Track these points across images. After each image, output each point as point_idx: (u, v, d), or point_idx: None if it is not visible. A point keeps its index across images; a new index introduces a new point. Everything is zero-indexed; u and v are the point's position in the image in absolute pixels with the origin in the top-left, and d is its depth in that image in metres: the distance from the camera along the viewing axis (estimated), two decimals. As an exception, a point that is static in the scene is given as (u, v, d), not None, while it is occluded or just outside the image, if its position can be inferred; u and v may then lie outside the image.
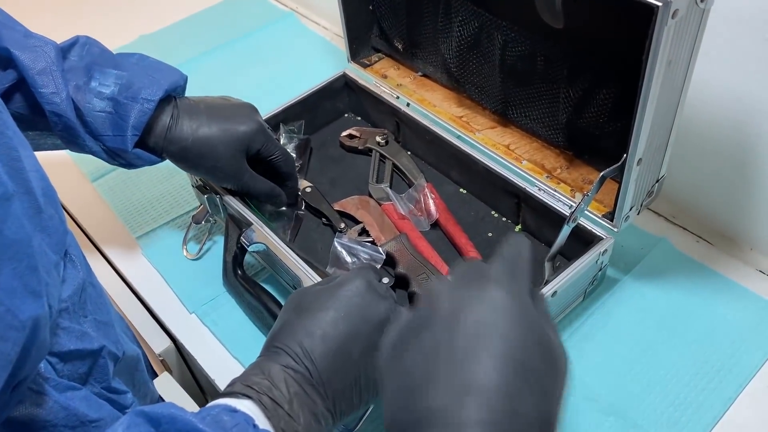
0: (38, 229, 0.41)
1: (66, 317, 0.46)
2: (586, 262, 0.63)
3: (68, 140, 0.63)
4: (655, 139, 0.59)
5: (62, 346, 0.45)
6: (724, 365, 0.63)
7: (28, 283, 0.37)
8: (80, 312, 0.49)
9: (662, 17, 0.48)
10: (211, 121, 0.66)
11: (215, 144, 0.66)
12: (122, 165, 0.66)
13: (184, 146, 0.65)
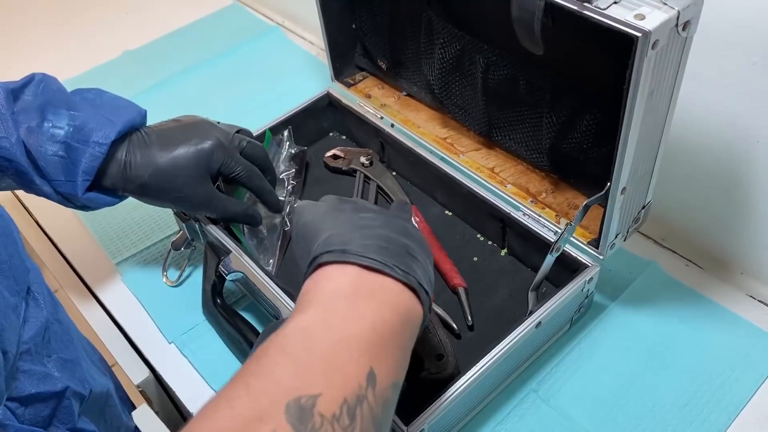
0: None
1: (27, 359, 0.45)
2: (571, 291, 0.62)
3: (21, 183, 0.62)
4: (639, 168, 0.57)
5: (22, 390, 0.44)
6: (714, 396, 0.62)
7: None
8: (44, 352, 0.47)
9: (642, 48, 0.46)
10: (163, 151, 0.63)
11: (173, 174, 0.63)
12: (78, 208, 0.65)
13: (142, 183, 0.63)
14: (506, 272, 0.72)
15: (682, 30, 0.48)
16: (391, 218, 0.50)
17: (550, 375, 0.64)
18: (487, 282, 0.71)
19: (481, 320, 0.68)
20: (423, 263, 0.47)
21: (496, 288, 0.71)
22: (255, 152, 0.69)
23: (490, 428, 0.61)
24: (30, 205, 0.89)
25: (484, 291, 0.70)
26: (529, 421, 0.61)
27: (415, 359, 0.62)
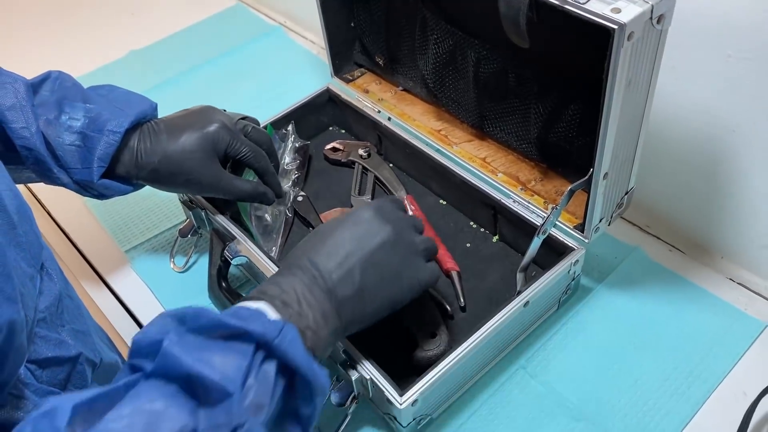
0: (13, 243, 0.43)
1: (43, 326, 0.48)
2: (557, 273, 0.65)
3: (40, 173, 0.65)
4: (620, 154, 0.60)
5: (40, 353, 0.47)
6: (693, 371, 0.65)
7: (3, 289, 0.39)
8: (57, 322, 0.51)
9: (618, 40, 0.50)
10: (171, 137, 0.67)
11: (182, 159, 0.67)
12: (94, 196, 0.68)
13: (153, 169, 0.67)
14: (497, 257, 0.75)
15: (656, 23, 0.52)
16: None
17: (539, 353, 0.68)
18: (479, 266, 0.75)
19: (473, 302, 0.71)
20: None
21: (487, 272, 0.74)
22: (260, 137, 0.73)
23: (481, 402, 0.64)
24: (42, 197, 0.92)
25: (476, 275, 0.74)
26: (517, 396, 0.65)
27: (409, 337, 0.66)
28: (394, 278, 0.56)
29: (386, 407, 0.59)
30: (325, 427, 0.62)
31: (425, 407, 0.60)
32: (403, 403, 0.57)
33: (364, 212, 0.57)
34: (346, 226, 0.56)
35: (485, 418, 0.63)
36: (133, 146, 0.66)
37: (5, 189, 0.44)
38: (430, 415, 0.62)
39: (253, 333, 0.43)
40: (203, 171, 0.67)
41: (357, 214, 0.57)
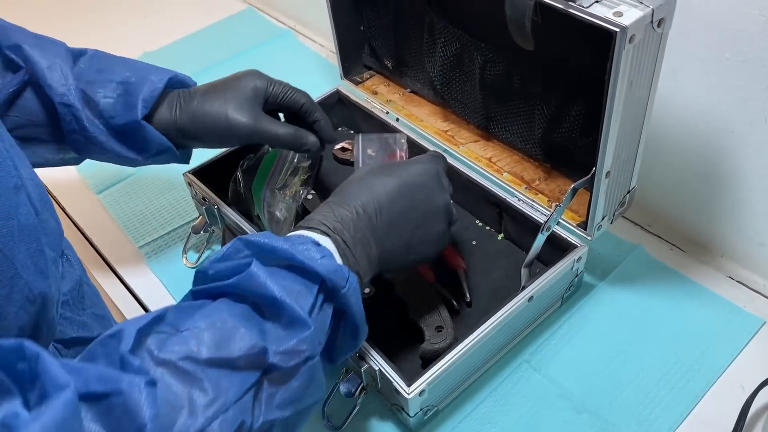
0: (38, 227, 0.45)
1: (67, 309, 0.51)
2: (561, 269, 0.67)
3: (78, 141, 0.64)
4: (622, 153, 0.62)
5: (65, 334, 0.50)
6: (693, 365, 0.67)
7: (37, 263, 0.41)
8: (79, 305, 0.53)
9: (620, 42, 0.52)
10: (217, 88, 0.67)
11: (225, 101, 0.65)
12: (130, 160, 0.67)
13: (193, 115, 0.65)
14: (502, 254, 0.77)
15: (657, 26, 0.54)
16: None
17: (542, 347, 0.69)
18: (484, 263, 0.77)
19: (479, 298, 0.73)
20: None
21: (492, 269, 0.76)
22: (303, 97, 0.71)
23: (486, 394, 0.66)
24: (58, 194, 0.95)
25: (481, 271, 0.76)
26: (522, 388, 0.66)
27: (417, 331, 0.68)
28: (432, 239, 0.61)
29: (394, 397, 0.61)
30: (334, 417, 0.64)
31: (432, 398, 0.62)
32: (410, 393, 0.58)
33: (426, 166, 0.61)
34: (404, 180, 0.58)
35: (490, 409, 0.65)
36: (172, 100, 0.66)
37: (27, 178, 0.45)
38: (436, 407, 0.64)
39: (325, 277, 0.47)
40: (246, 115, 0.65)
41: (420, 165, 0.60)
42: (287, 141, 0.67)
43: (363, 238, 0.54)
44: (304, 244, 0.49)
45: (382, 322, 0.71)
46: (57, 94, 0.61)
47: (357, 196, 0.56)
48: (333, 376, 0.68)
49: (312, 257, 0.48)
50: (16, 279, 0.39)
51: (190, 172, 0.81)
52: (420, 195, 0.59)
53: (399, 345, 0.69)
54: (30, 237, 0.41)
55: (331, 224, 0.53)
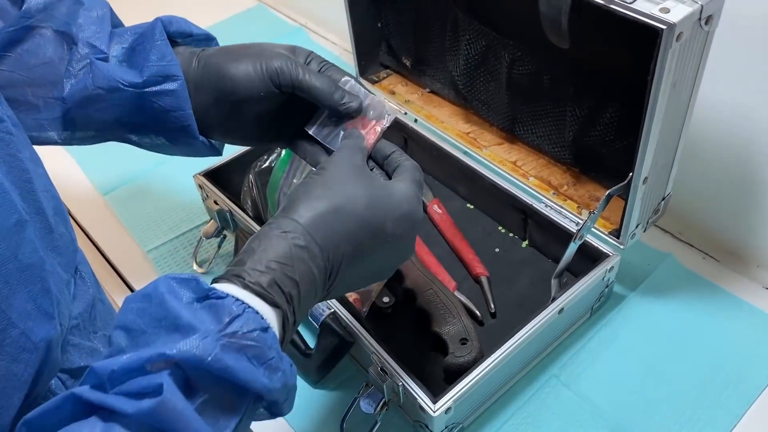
0: (50, 248, 0.42)
1: (76, 334, 0.47)
2: (592, 279, 0.64)
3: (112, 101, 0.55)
4: (660, 159, 0.59)
5: (72, 362, 0.46)
6: (731, 382, 0.63)
7: (41, 305, 0.38)
8: (90, 328, 0.49)
9: (667, 40, 0.49)
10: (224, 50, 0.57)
11: (260, 46, 0.56)
12: (148, 118, 0.56)
13: (205, 64, 0.55)
14: (527, 263, 0.74)
15: (705, 24, 0.51)
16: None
17: (571, 361, 0.66)
18: (508, 272, 0.73)
19: (503, 308, 0.70)
20: None
21: (517, 278, 0.73)
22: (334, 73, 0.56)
23: (513, 410, 0.63)
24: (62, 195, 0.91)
25: (505, 280, 0.72)
26: (551, 405, 0.63)
27: (440, 343, 0.64)
28: (389, 270, 0.53)
29: (417, 414, 0.58)
30: (354, 434, 0.61)
31: (457, 415, 0.59)
32: (436, 410, 0.55)
33: (404, 215, 0.49)
34: (382, 220, 0.47)
35: (518, 427, 0.62)
36: (181, 50, 0.57)
37: (42, 190, 0.42)
38: (461, 424, 0.61)
39: (265, 397, 0.39)
40: (284, 55, 0.55)
41: (398, 207, 0.48)
42: (323, 94, 0.53)
43: (311, 291, 0.44)
44: (247, 341, 0.38)
45: (402, 334, 0.68)
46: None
47: (320, 227, 0.45)
48: (352, 389, 0.65)
49: (254, 374, 0.37)
50: (10, 329, 0.35)
51: (201, 174, 0.77)
52: (395, 241, 0.48)
53: (420, 357, 0.66)
54: (33, 277, 0.37)
55: (287, 288, 0.42)
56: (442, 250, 0.76)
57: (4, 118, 0.40)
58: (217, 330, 0.37)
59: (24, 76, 0.54)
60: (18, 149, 0.40)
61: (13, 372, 0.36)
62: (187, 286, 0.39)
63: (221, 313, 0.38)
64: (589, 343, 0.67)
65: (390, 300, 0.69)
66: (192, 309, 0.38)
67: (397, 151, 0.54)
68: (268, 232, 0.44)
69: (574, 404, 0.63)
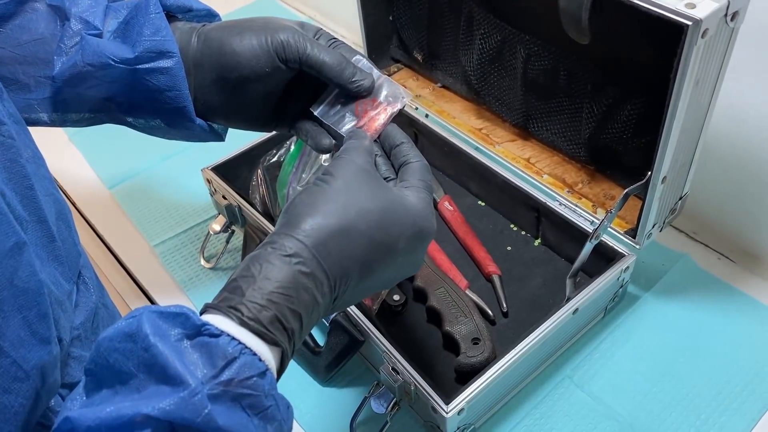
0: (51, 258, 0.40)
1: (78, 345, 0.45)
2: (607, 280, 0.63)
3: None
4: (680, 158, 0.58)
5: (73, 377, 0.44)
6: (747, 385, 0.62)
7: (37, 330, 0.36)
8: (92, 338, 0.47)
9: (692, 37, 0.47)
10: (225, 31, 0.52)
11: (265, 19, 0.52)
12: (124, 60, 0.51)
13: (207, 40, 0.52)
14: (540, 261, 0.73)
15: (730, 20, 0.49)
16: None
17: (585, 362, 0.65)
18: (520, 271, 0.72)
19: (516, 307, 0.69)
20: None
21: (529, 277, 0.71)
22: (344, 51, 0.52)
23: (526, 411, 0.62)
24: (67, 188, 0.90)
25: (517, 279, 0.71)
26: (563, 406, 0.62)
27: (451, 343, 0.63)
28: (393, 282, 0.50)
29: (429, 415, 0.57)
30: (364, 434, 0.60)
31: (470, 416, 0.58)
32: (449, 411, 0.54)
33: (418, 232, 0.45)
34: (392, 239, 0.44)
35: (531, 428, 0.61)
36: (180, 26, 0.53)
37: (44, 194, 0.40)
38: (473, 425, 0.60)
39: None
40: (293, 29, 0.51)
41: (411, 225, 0.45)
42: (333, 70, 0.49)
43: (314, 320, 0.41)
44: (243, 389, 0.34)
45: (413, 332, 0.67)
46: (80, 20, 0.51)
47: (328, 250, 0.41)
48: (361, 388, 0.65)
49: (247, 427, 0.34)
50: (1, 359, 0.33)
51: (209, 169, 0.76)
52: (406, 257, 0.45)
53: (431, 357, 0.65)
54: (29, 303, 0.35)
55: (289, 323, 0.38)
56: (453, 248, 0.75)
57: (4, 121, 0.38)
58: (211, 376, 0.33)
59: (14, 53, 0.51)
60: (19, 153, 0.38)
61: (3, 404, 0.34)
62: (174, 322, 0.35)
63: (215, 355, 0.34)
64: (603, 344, 0.66)
65: (400, 298, 0.68)
66: (181, 350, 0.34)
67: (406, 144, 0.50)
68: (269, 255, 0.39)
69: (587, 405, 0.62)
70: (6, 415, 0.34)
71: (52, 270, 0.40)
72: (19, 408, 0.35)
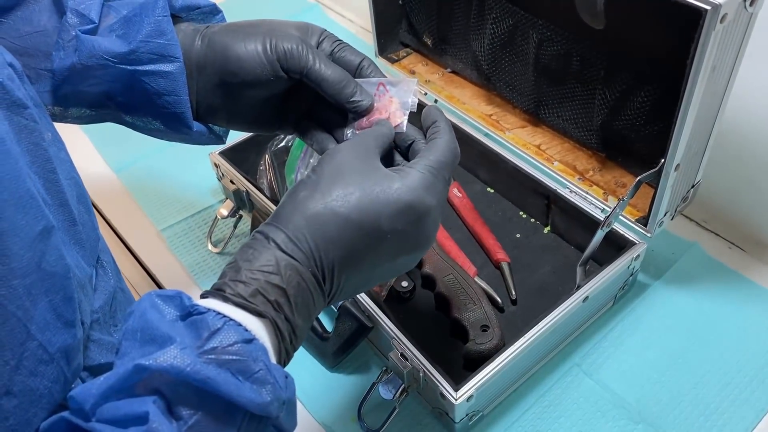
0: (73, 241, 0.41)
1: (96, 329, 0.45)
2: (618, 268, 0.62)
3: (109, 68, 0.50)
4: (693, 145, 0.57)
5: (93, 360, 0.44)
6: (757, 375, 0.62)
7: (62, 314, 0.36)
8: (110, 321, 0.47)
9: (710, 22, 0.47)
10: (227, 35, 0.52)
11: (270, 23, 0.51)
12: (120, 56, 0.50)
13: (210, 42, 0.51)
14: (549, 249, 0.72)
15: (749, 5, 0.49)
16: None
17: (594, 350, 0.65)
18: (529, 258, 0.72)
19: (524, 295, 0.69)
20: None
21: (538, 264, 0.71)
22: (351, 58, 0.52)
23: (535, 398, 0.62)
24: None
25: (526, 267, 0.71)
26: (572, 394, 0.62)
27: (460, 329, 0.63)
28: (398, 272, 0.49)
29: (438, 402, 0.57)
30: (371, 419, 0.60)
31: (478, 403, 0.58)
32: (458, 398, 0.54)
33: (422, 222, 0.44)
34: (390, 231, 0.43)
35: (539, 415, 0.61)
36: (183, 27, 0.53)
37: (66, 178, 0.40)
38: (482, 411, 0.60)
39: (254, 412, 0.36)
40: (297, 37, 0.50)
41: (414, 216, 0.44)
42: (332, 87, 0.49)
43: (304, 298, 0.41)
44: (228, 355, 0.35)
45: (421, 319, 0.67)
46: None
47: (305, 233, 0.41)
48: (369, 374, 0.65)
49: (239, 387, 0.35)
50: (28, 342, 0.34)
51: (217, 153, 0.76)
52: (397, 238, 0.44)
53: (440, 343, 0.65)
54: (55, 286, 0.36)
55: (272, 296, 0.39)
56: (461, 235, 0.74)
57: (27, 104, 0.38)
58: (196, 346, 0.35)
59: (15, 44, 0.50)
60: (42, 136, 0.38)
61: (30, 387, 0.34)
62: (170, 303, 0.37)
63: (201, 329, 0.36)
64: (612, 332, 0.66)
65: (409, 284, 0.68)
66: (174, 326, 0.36)
67: (419, 141, 0.50)
68: (252, 242, 0.42)
69: (596, 394, 0.62)
70: (33, 398, 0.34)
71: (74, 254, 0.40)
72: (45, 391, 0.35)
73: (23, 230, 0.34)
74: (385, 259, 0.45)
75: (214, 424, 0.34)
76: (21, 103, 0.37)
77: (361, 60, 0.51)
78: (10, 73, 0.38)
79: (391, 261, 0.45)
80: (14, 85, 0.37)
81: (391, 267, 0.46)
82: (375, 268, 0.45)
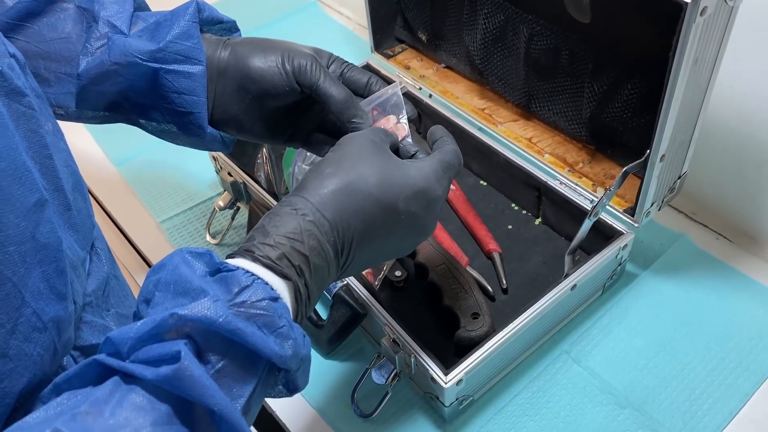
0: (67, 225, 0.42)
1: (89, 311, 0.46)
2: (606, 257, 0.64)
3: (124, 72, 0.53)
4: (678, 136, 0.59)
5: (84, 340, 0.45)
6: (742, 362, 0.64)
7: (54, 285, 0.38)
8: (103, 306, 0.49)
9: (690, 15, 0.48)
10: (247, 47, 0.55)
11: (287, 42, 0.55)
12: (144, 52, 0.52)
13: (251, 41, 0.55)
14: (540, 240, 0.74)
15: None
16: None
17: (582, 338, 0.66)
18: (520, 249, 0.73)
19: (515, 284, 0.70)
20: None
21: (529, 255, 0.73)
22: (358, 78, 0.57)
23: (524, 384, 0.63)
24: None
25: (517, 257, 0.72)
26: (560, 380, 0.63)
27: (452, 317, 0.65)
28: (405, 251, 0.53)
29: (429, 386, 0.58)
30: (365, 404, 0.61)
31: (468, 388, 0.59)
32: (447, 382, 0.56)
33: (427, 204, 0.48)
34: (402, 207, 0.47)
35: (528, 401, 0.62)
36: (207, 37, 0.55)
37: (62, 166, 0.42)
38: (472, 396, 0.61)
39: (277, 363, 0.39)
40: (309, 56, 0.54)
41: (423, 197, 0.48)
42: (337, 106, 0.53)
43: (323, 266, 0.44)
44: (256, 309, 0.38)
45: (414, 307, 0.69)
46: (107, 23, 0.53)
47: (330, 204, 0.45)
48: (363, 361, 0.66)
49: (265, 340, 0.38)
50: (23, 308, 0.36)
51: (215, 146, 0.77)
52: (410, 219, 0.48)
53: (432, 330, 0.66)
54: (48, 257, 0.37)
55: (297, 261, 0.42)
56: (454, 227, 0.76)
57: (26, 92, 0.39)
58: (227, 300, 0.38)
59: (39, 48, 0.53)
60: (39, 124, 0.40)
61: (25, 352, 0.36)
62: (201, 260, 0.40)
63: (231, 284, 0.39)
64: (600, 321, 0.68)
65: (402, 274, 0.70)
66: (204, 280, 0.39)
67: (421, 151, 0.53)
68: (278, 210, 0.45)
69: (584, 380, 0.63)
70: (26, 363, 0.36)
71: (67, 236, 0.41)
72: (38, 357, 0.37)
73: (19, 200, 0.35)
74: (395, 239, 0.48)
75: (238, 371, 0.37)
76: (20, 92, 0.39)
77: (368, 78, 0.56)
78: (11, 63, 0.39)
79: (399, 241, 0.49)
80: (14, 74, 0.39)
81: (397, 247, 0.50)
82: (385, 246, 0.48)
